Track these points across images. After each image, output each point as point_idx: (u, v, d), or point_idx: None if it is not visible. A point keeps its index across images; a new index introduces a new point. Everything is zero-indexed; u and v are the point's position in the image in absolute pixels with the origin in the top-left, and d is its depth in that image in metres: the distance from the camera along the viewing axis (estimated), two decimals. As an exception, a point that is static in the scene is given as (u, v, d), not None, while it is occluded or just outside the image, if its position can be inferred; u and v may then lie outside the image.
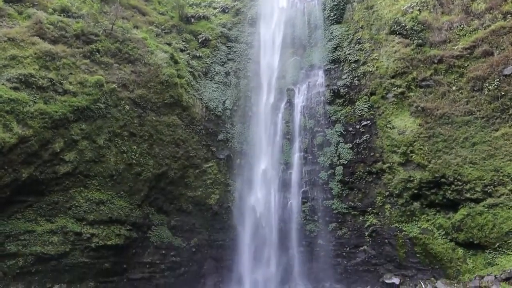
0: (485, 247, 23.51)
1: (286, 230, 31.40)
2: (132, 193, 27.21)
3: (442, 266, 25.03)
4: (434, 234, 25.90)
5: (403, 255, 27.07)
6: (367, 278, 28.41)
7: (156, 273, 27.65)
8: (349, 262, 29.49)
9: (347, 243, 29.93)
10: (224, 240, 31.21)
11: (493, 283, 17.69)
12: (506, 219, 22.88)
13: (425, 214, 26.93)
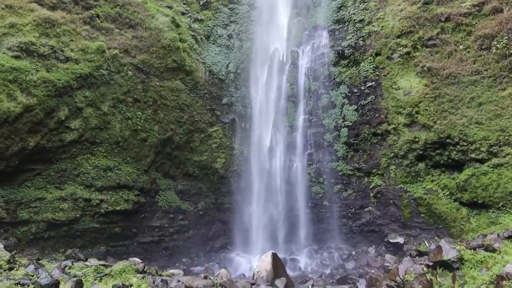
0: (489, 206, 23.84)
1: (291, 192, 31.78)
2: (138, 159, 27.40)
3: (446, 225, 25.48)
4: (438, 194, 26.21)
5: (407, 215, 27.52)
6: (372, 238, 29.03)
7: (165, 237, 28.26)
8: (354, 222, 30.04)
9: (352, 204, 30.37)
10: (231, 203, 31.68)
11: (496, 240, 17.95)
12: (510, 179, 23.03)
13: (429, 175, 27.15)
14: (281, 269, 19.78)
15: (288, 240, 30.54)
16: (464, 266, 15.37)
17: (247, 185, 31.77)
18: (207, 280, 16.73)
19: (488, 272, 14.38)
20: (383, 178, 29.33)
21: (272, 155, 32.32)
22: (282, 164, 32.14)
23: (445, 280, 15.13)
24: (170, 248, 28.31)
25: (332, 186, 31.16)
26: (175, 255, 28.34)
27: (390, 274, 17.91)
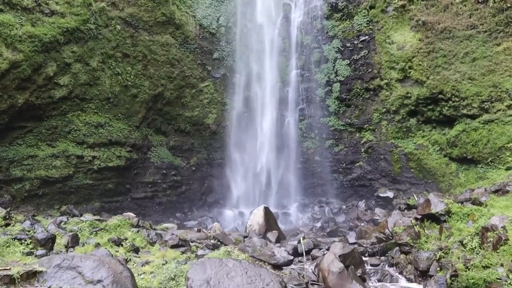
0: (477, 162, 24.26)
1: (283, 148, 31.94)
2: (129, 115, 27.19)
3: (435, 180, 25.99)
4: (429, 149, 26.55)
5: (397, 170, 27.96)
6: (362, 193, 29.60)
7: (158, 192, 28.55)
8: (345, 177, 30.50)
9: (344, 159, 30.70)
10: (223, 158, 31.84)
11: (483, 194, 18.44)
12: (500, 135, 23.35)
13: (421, 130, 27.38)
14: (273, 222, 20.22)
15: (280, 194, 31.01)
16: (451, 218, 15.82)
17: (238, 140, 31.83)
18: (201, 233, 17.09)
19: (474, 225, 14.81)
20: (374, 133, 29.53)
21: (264, 110, 32.18)
22: (274, 119, 32.09)
23: (432, 232, 15.59)
24: (163, 204, 28.68)
25: (323, 141, 31.36)
26: (169, 210, 28.77)
27: (379, 226, 18.45)
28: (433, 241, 15.03)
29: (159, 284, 10.27)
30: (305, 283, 11.29)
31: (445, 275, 12.72)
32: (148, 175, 28.32)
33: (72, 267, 8.52)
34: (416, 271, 13.99)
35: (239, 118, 32.18)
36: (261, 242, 15.29)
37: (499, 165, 23.38)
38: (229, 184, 31.42)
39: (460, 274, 12.55)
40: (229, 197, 31.26)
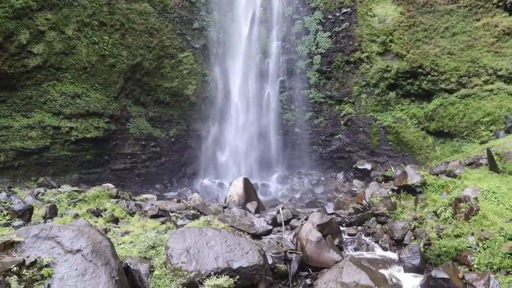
0: (453, 135, 24.79)
1: (263, 119, 31.94)
2: (107, 86, 26.69)
3: (412, 153, 26.51)
4: (407, 123, 26.94)
5: (376, 143, 28.35)
6: (341, 165, 29.99)
7: (138, 163, 28.37)
8: (324, 149, 30.80)
9: (323, 131, 30.93)
10: (203, 130, 31.70)
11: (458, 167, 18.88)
12: (476, 109, 23.83)
13: (399, 104, 27.70)
14: (252, 193, 20.38)
15: (260, 166, 31.20)
16: (427, 190, 16.20)
17: (218, 112, 31.66)
18: (180, 204, 17.14)
19: (448, 196, 15.22)
20: (354, 106, 29.73)
21: (244, 81, 31.96)
22: (254, 91, 31.95)
23: (408, 203, 15.98)
24: (143, 175, 28.55)
25: (303, 113, 31.46)
26: (148, 182, 28.69)
27: (357, 197, 18.80)
28: (408, 211, 15.43)
29: (139, 253, 10.30)
30: (283, 251, 11.50)
31: (418, 243, 13.12)
32: (127, 146, 28.05)
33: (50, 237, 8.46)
34: (391, 240, 14.39)
35: (219, 89, 31.92)
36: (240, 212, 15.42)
37: (474, 139, 23.95)
38: (208, 156, 31.41)
39: (433, 243, 12.96)
40: (209, 168, 31.32)
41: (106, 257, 8.28)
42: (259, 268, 9.44)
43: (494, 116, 23.44)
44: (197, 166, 31.49)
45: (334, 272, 9.62)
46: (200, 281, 9.05)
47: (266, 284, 10.37)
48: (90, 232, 8.75)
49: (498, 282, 10.82)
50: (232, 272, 9.12)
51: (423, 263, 12.50)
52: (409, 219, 14.68)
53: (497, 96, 23.64)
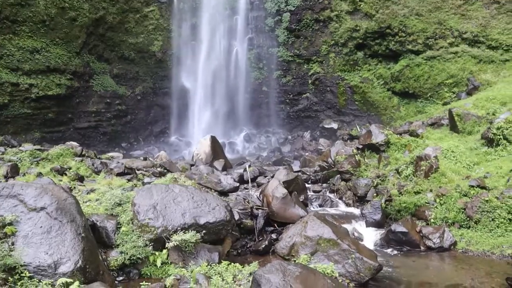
0: (418, 96, 25.44)
1: (231, 77, 31.56)
2: (68, 40, 25.61)
3: (378, 113, 27.05)
4: (373, 83, 27.30)
5: (343, 102, 28.69)
6: (308, 124, 30.27)
7: (103, 122, 27.75)
8: (292, 108, 30.94)
9: (291, 90, 30.96)
10: (170, 87, 31.08)
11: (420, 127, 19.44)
12: (441, 71, 24.46)
13: (367, 64, 27.95)
14: (219, 151, 20.43)
15: (227, 124, 31.07)
16: (390, 149, 16.68)
17: (185, 69, 31.03)
18: (147, 162, 17.02)
19: (410, 154, 15.74)
20: (322, 65, 29.77)
21: (211, 38, 31.24)
22: (221, 48, 31.35)
23: (371, 161, 16.44)
24: (108, 133, 28.03)
25: (271, 72, 31.28)
26: (114, 140, 28.22)
27: (323, 155, 19.16)
28: (371, 169, 15.91)
29: (106, 211, 10.27)
30: (250, 207, 11.72)
31: (380, 200, 13.63)
32: (91, 104, 27.30)
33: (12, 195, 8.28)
34: (354, 196, 14.89)
35: (185, 46, 31.16)
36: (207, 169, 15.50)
37: (437, 100, 24.65)
38: (175, 114, 30.99)
39: (394, 199, 13.50)
40: (176, 126, 30.99)
41: (71, 214, 8.21)
42: (226, 224, 9.61)
43: (457, 78, 24.08)
44: (164, 124, 31.09)
45: (299, 226, 9.92)
46: (167, 236, 9.16)
47: (232, 239, 10.60)
48: (54, 190, 8.61)
49: (452, 235, 11.46)
50: (199, 228, 9.25)
51: (384, 218, 13.04)
52: (372, 177, 15.15)
53: (461, 59, 24.21)
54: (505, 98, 18.43)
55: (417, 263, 10.50)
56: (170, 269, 9.07)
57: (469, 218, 11.96)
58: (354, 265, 8.73)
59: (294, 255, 9.40)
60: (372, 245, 11.50)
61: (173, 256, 9.24)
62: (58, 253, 7.51)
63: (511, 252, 10.38)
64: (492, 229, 11.46)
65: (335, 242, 9.20)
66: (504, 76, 22.26)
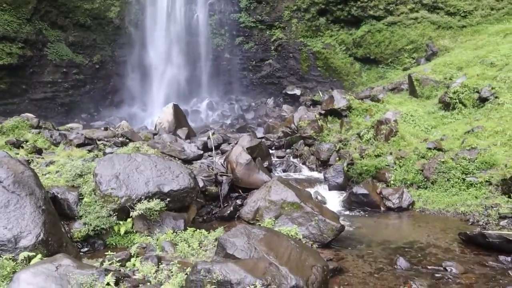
0: (379, 62, 25.84)
1: (192, 44, 30.88)
2: (17, 6, 24.22)
3: (340, 79, 27.32)
4: (336, 49, 27.42)
5: (305, 69, 28.74)
6: (271, 90, 30.25)
7: (60, 92, 26.74)
8: (255, 75, 30.76)
9: (254, 57, 30.69)
10: (129, 56, 30.13)
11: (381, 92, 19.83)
12: (401, 37, 24.86)
13: (329, 30, 27.95)
14: (182, 120, 20.20)
15: (190, 92, 30.60)
16: (352, 113, 16.97)
17: (145, 36, 30.07)
18: (108, 132, 16.63)
19: (371, 119, 16.09)
20: (284, 31, 29.55)
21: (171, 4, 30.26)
22: (182, 14, 30.47)
23: (334, 126, 16.72)
24: (66, 104, 27.07)
25: (233, 38, 30.82)
26: (73, 111, 27.30)
27: (286, 121, 19.31)
28: (334, 134, 16.18)
29: (66, 182, 10.04)
30: (214, 174, 11.74)
31: (342, 163, 13.95)
32: (46, 74, 26.16)
33: (-36, 169, 7.94)
34: (317, 161, 15.16)
35: (144, 12, 30.08)
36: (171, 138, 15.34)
37: (397, 66, 25.13)
38: (136, 83, 30.19)
39: (356, 163, 13.84)
40: (137, 95, 30.24)
41: (30, 187, 7.97)
42: (190, 191, 9.60)
43: (417, 44, 24.55)
44: (125, 93, 30.24)
45: (263, 191, 10.04)
46: (131, 205, 9.09)
47: (197, 206, 10.64)
48: (10, 163, 8.31)
49: (410, 195, 11.92)
50: (163, 196, 9.21)
51: (346, 181, 13.39)
52: (334, 141, 15.43)
53: (421, 25, 24.61)
54: (461, 63, 18.96)
55: (377, 223, 10.90)
56: (135, 238, 9.06)
57: (426, 179, 12.44)
58: (317, 227, 8.97)
59: (258, 219, 9.55)
60: (335, 207, 11.81)
61: (138, 225, 9.22)
62: (17, 227, 7.32)
63: (464, 210, 10.91)
64: (447, 188, 11.99)
65: (299, 205, 9.39)
66: (461, 42, 22.82)
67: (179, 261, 6.99)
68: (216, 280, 5.40)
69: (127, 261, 7.47)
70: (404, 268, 7.91)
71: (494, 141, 12.72)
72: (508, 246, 8.27)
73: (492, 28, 22.20)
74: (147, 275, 6.65)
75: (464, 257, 8.42)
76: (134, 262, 7.34)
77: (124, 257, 7.52)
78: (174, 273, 6.42)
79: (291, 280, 5.39)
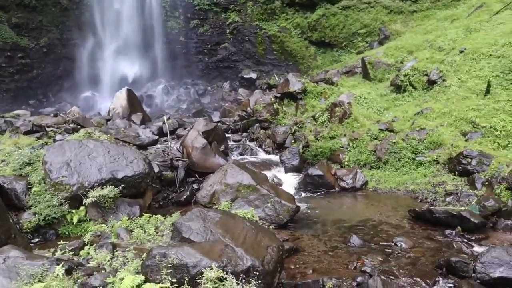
0: (333, 46, 26.25)
1: (146, 27, 29.99)
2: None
3: (296, 62, 27.50)
4: (291, 32, 27.54)
5: (261, 52, 28.70)
6: (227, 74, 30.00)
7: (5, 78, 25.38)
8: (210, 59, 30.36)
9: (209, 40, 30.26)
10: (79, 38, 28.93)
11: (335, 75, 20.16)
12: (355, 21, 25.37)
13: (284, 13, 28.00)
14: (137, 105, 19.74)
15: (144, 77, 29.79)
16: (307, 96, 17.15)
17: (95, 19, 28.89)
18: (58, 118, 16.00)
19: (325, 101, 16.33)
20: (240, 14, 29.29)
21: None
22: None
23: (289, 109, 16.87)
24: (12, 90, 25.75)
25: (188, 21, 30.22)
26: (20, 98, 26.00)
27: (242, 105, 19.29)
28: (289, 117, 16.35)
29: (13, 171, 9.64)
30: (169, 159, 11.60)
31: (298, 146, 14.14)
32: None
33: None
34: (273, 144, 15.30)
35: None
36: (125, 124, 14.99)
37: (351, 50, 25.58)
38: (88, 67, 29.05)
39: (311, 145, 14.06)
40: (89, 80, 29.11)
41: (-28, 176, 7.60)
42: (145, 176, 9.46)
43: (370, 28, 25.10)
44: (76, 78, 29.03)
45: (219, 174, 10.03)
46: (83, 193, 8.86)
47: (153, 191, 10.51)
48: (-51, 151, 7.87)
49: (363, 175, 12.27)
50: (117, 182, 9.03)
51: (301, 163, 13.60)
52: (290, 124, 15.59)
53: (374, 9, 25.16)
54: (411, 47, 19.55)
55: (332, 203, 11.18)
56: (89, 226, 8.87)
57: (378, 159, 12.84)
58: (274, 208, 9.09)
59: (215, 203, 9.55)
60: (291, 189, 12.00)
61: (92, 213, 9.01)
62: (-41, 218, 6.97)
63: (413, 188, 11.37)
64: (398, 168, 12.43)
65: (255, 187, 9.46)
66: (412, 27, 23.49)
67: (135, 247, 6.89)
68: (172, 264, 5.37)
69: (80, 250, 7.31)
70: (357, 245, 8.18)
71: (441, 122, 13.26)
72: (453, 221, 8.72)
73: (440, 13, 22.97)
74: (101, 262, 6.53)
75: (413, 233, 8.80)
76: (88, 251, 7.19)
77: (77, 246, 7.37)
78: (129, 260, 6.32)
79: (246, 261, 5.44)
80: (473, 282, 6.51)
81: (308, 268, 7.26)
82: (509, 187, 9.60)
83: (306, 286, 6.61)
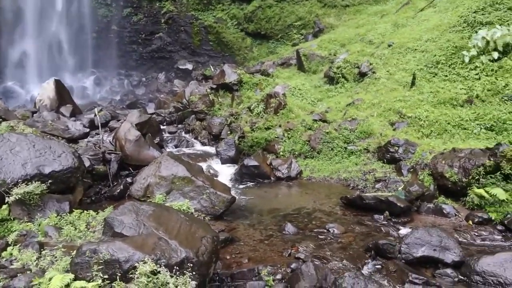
0: (269, 37, 26.62)
1: (76, 15, 28.55)
2: None
3: (232, 53, 27.47)
4: (227, 23, 27.47)
5: (197, 43, 28.35)
6: (162, 65, 29.32)
7: None
8: (145, 49, 29.54)
9: (143, 29, 29.41)
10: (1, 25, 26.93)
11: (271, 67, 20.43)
12: (290, 13, 25.88)
13: (220, 4, 27.93)
14: (66, 96, 18.75)
15: (74, 67, 28.36)
16: (243, 88, 17.23)
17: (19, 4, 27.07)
18: (-23, 111, 14.88)
19: (261, 93, 16.48)
20: (175, 3, 28.72)
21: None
22: (62, -19, 27.92)
23: (225, 100, 16.85)
24: None
25: (120, 9, 29.14)
26: None
27: (177, 96, 19.04)
28: (225, 108, 16.35)
29: None
30: (101, 152, 11.19)
31: (234, 137, 14.19)
32: None
33: None
34: (209, 135, 15.25)
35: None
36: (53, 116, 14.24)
37: (287, 42, 26.00)
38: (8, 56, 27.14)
39: (247, 136, 14.15)
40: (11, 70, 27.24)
41: None
42: (74, 171, 9.05)
43: (305, 21, 25.63)
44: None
45: (153, 167, 9.84)
46: (6, 190, 8.32)
47: (84, 186, 10.10)
48: None
49: (298, 165, 12.56)
50: (44, 177, 8.56)
51: (237, 154, 13.67)
52: (226, 115, 15.59)
53: (309, 2, 25.81)
54: (344, 40, 20.25)
55: (268, 193, 11.35)
56: (13, 226, 8.33)
57: (312, 149, 13.19)
58: (209, 200, 9.07)
59: (149, 196, 9.37)
60: (227, 180, 12.02)
61: (16, 211, 8.48)
62: None
63: (345, 176, 11.81)
64: (331, 157, 12.85)
65: (190, 179, 9.38)
66: (344, 20, 24.28)
67: (65, 245, 6.62)
68: (103, 260, 5.23)
69: (3, 251, 6.89)
70: (292, 233, 8.39)
71: (371, 112, 13.86)
72: (381, 206, 9.18)
73: (371, 8, 23.95)
74: (27, 263, 6.22)
75: (345, 219, 9.17)
76: (11, 251, 6.80)
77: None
78: (58, 258, 6.08)
79: (181, 253, 5.41)
80: (398, 262, 6.93)
81: (243, 257, 7.34)
82: (431, 173, 10.23)
83: (242, 275, 6.68)
